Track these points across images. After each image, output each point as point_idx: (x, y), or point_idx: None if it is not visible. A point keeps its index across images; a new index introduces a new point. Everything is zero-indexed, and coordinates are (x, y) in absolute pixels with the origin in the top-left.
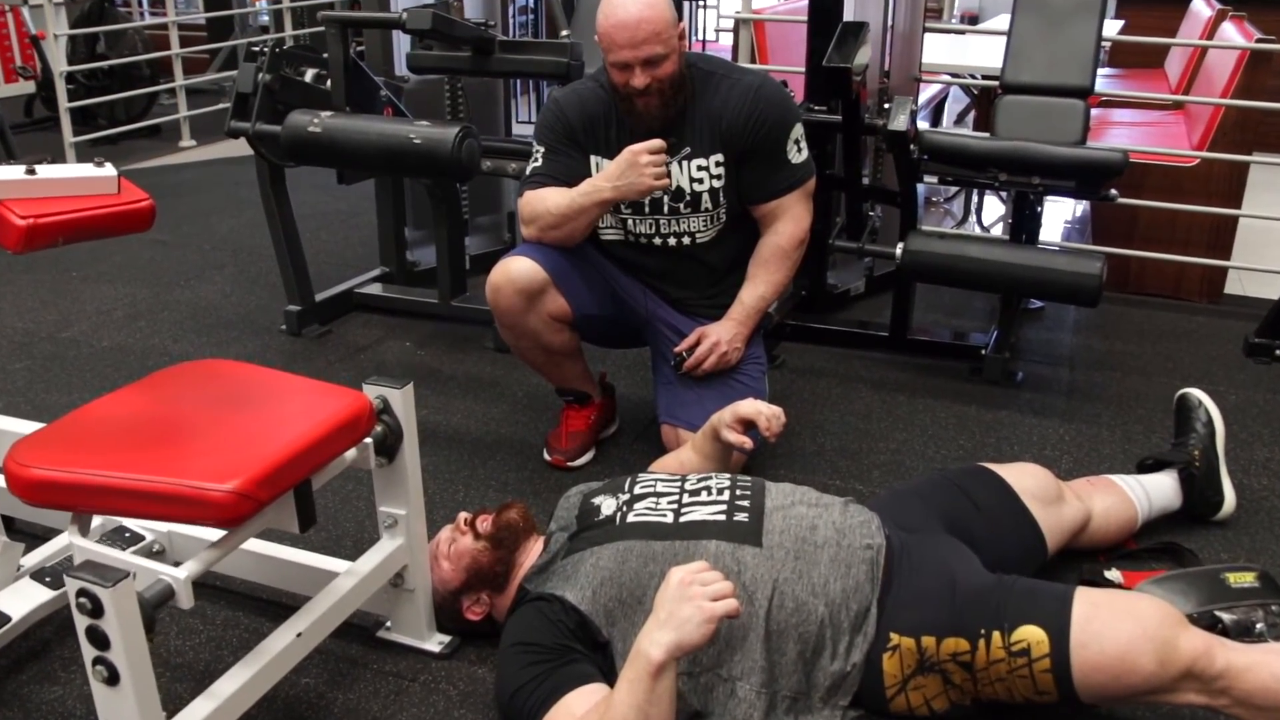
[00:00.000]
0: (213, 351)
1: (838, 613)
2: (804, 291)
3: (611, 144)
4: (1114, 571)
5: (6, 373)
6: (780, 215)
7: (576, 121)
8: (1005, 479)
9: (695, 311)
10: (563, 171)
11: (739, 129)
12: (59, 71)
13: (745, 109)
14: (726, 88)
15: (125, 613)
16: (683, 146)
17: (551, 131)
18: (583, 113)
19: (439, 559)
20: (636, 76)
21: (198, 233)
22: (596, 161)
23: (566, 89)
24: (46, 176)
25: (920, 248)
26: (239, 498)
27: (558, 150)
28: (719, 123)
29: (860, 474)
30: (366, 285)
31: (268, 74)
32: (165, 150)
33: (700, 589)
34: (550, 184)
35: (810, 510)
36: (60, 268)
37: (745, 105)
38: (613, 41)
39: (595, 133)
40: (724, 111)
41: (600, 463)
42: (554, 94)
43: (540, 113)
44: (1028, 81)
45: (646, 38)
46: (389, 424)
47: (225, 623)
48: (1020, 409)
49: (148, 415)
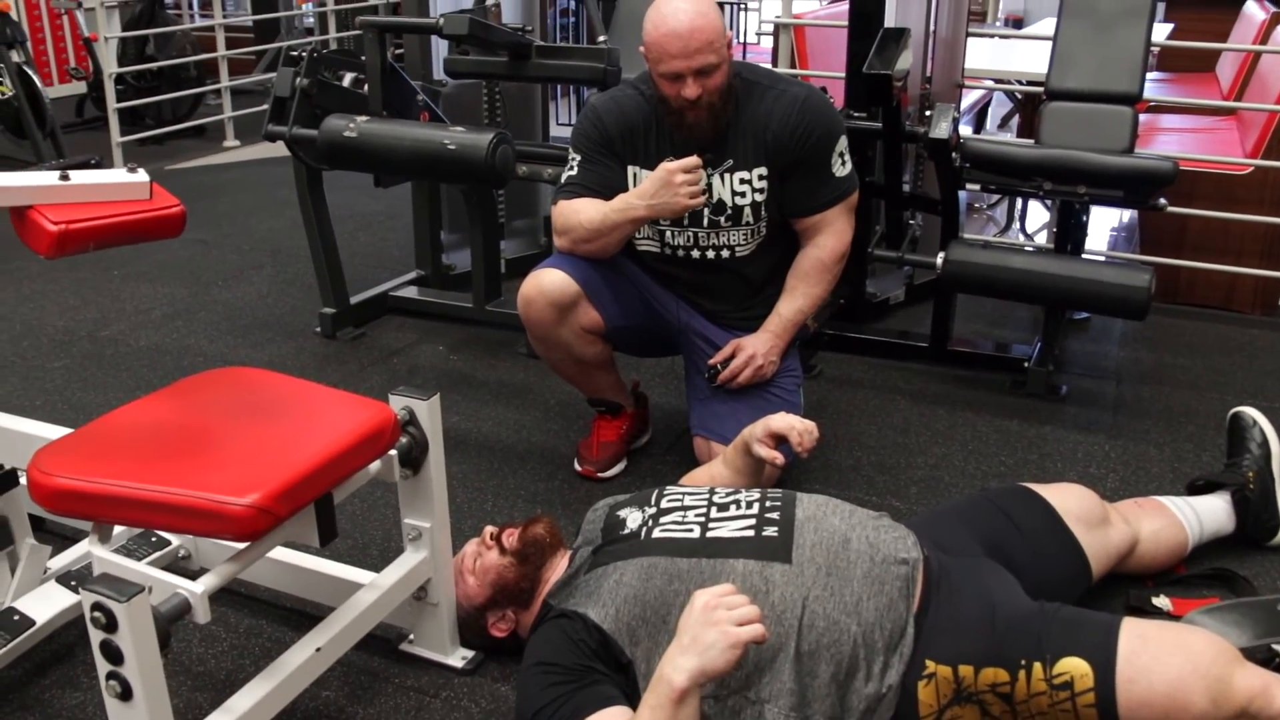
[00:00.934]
0: (247, 353)
1: (871, 632)
2: (843, 300)
3: (651, 154)
4: (1162, 598)
5: (45, 371)
6: (823, 229)
7: (615, 130)
8: (1048, 500)
9: (730, 324)
10: (598, 181)
11: (785, 141)
12: (108, 73)
13: (791, 121)
14: (772, 99)
15: (140, 627)
16: (725, 159)
17: (588, 140)
18: (622, 122)
19: (464, 574)
20: (689, 87)
21: (237, 233)
22: (634, 172)
23: (605, 96)
24: (79, 182)
25: (962, 257)
26: (257, 512)
27: (594, 159)
28: (764, 135)
29: (898, 490)
30: (402, 288)
31: (305, 78)
32: (210, 150)
33: (725, 614)
34: (585, 194)
35: (843, 523)
36: (102, 266)
37: (791, 117)
38: (664, 51)
39: (634, 142)
40: (769, 123)
41: (632, 474)
42: (592, 101)
43: (578, 119)
44: (1074, 88)
45: (700, 47)
46: (414, 435)
47: (248, 631)
48: (1064, 424)
49: (171, 424)
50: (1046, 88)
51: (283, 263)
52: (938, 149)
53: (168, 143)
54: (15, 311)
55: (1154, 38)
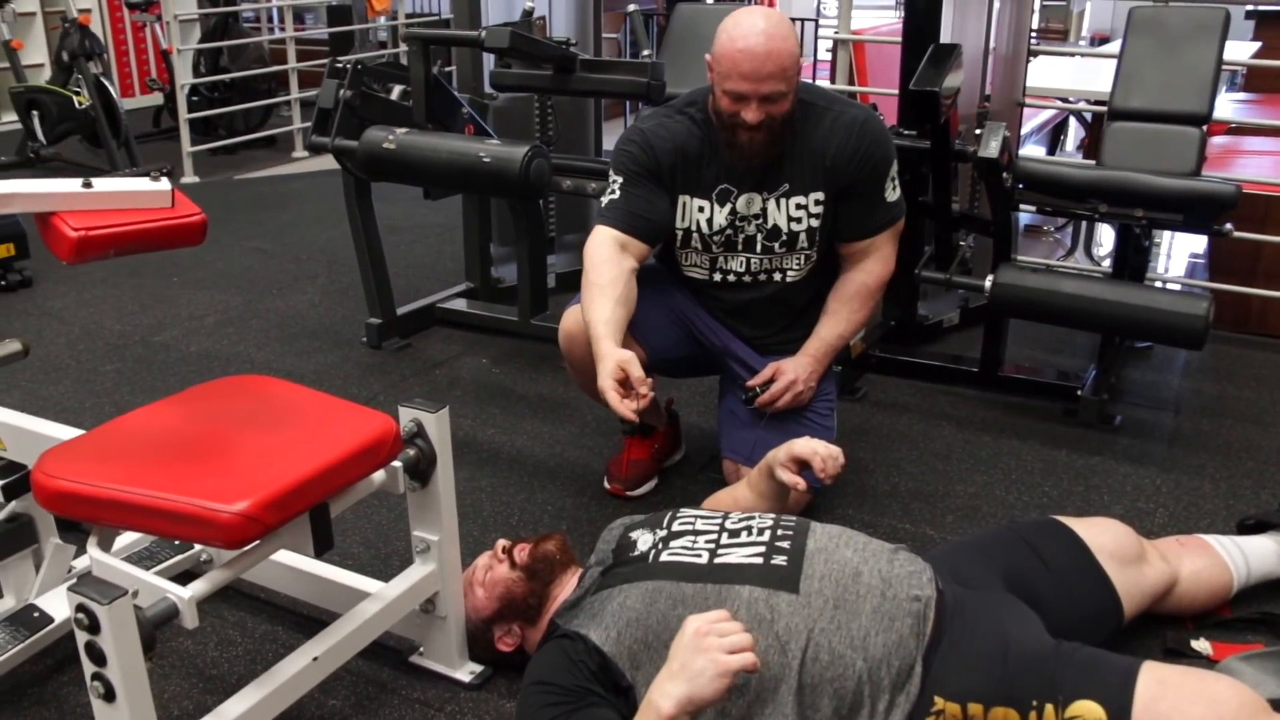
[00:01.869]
0: (294, 361)
1: (878, 669)
2: (893, 322)
3: (707, 184)
4: (1202, 641)
5: (98, 374)
6: (870, 254)
7: (666, 159)
8: (1079, 534)
9: (768, 348)
10: (640, 207)
11: (843, 166)
12: (180, 84)
13: (851, 145)
14: (830, 121)
15: (122, 630)
16: (781, 183)
17: (634, 163)
18: (673, 149)
19: (474, 585)
20: (751, 111)
21: (296, 242)
22: (684, 202)
23: (654, 121)
24: (101, 190)
25: (1011, 281)
26: (245, 520)
27: (637, 181)
28: (822, 159)
29: (933, 518)
30: (450, 300)
31: (348, 90)
32: (279, 160)
33: (716, 640)
34: (626, 221)
35: (855, 555)
36: (163, 273)
37: (851, 141)
38: (735, 68)
39: (688, 171)
40: (827, 148)
41: (662, 492)
42: (638, 125)
43: (621, 140)
44: (1138, 107)
45: (773, 73)
46: (421, 448)
47: (264, 636)
48: (1115, 455)
49: (176, 430)
50: (1110, 107)
51: (338, 273)
52: (987, 168)
53: (239, 153)
54: (76, 315)
55: (1239, 56)
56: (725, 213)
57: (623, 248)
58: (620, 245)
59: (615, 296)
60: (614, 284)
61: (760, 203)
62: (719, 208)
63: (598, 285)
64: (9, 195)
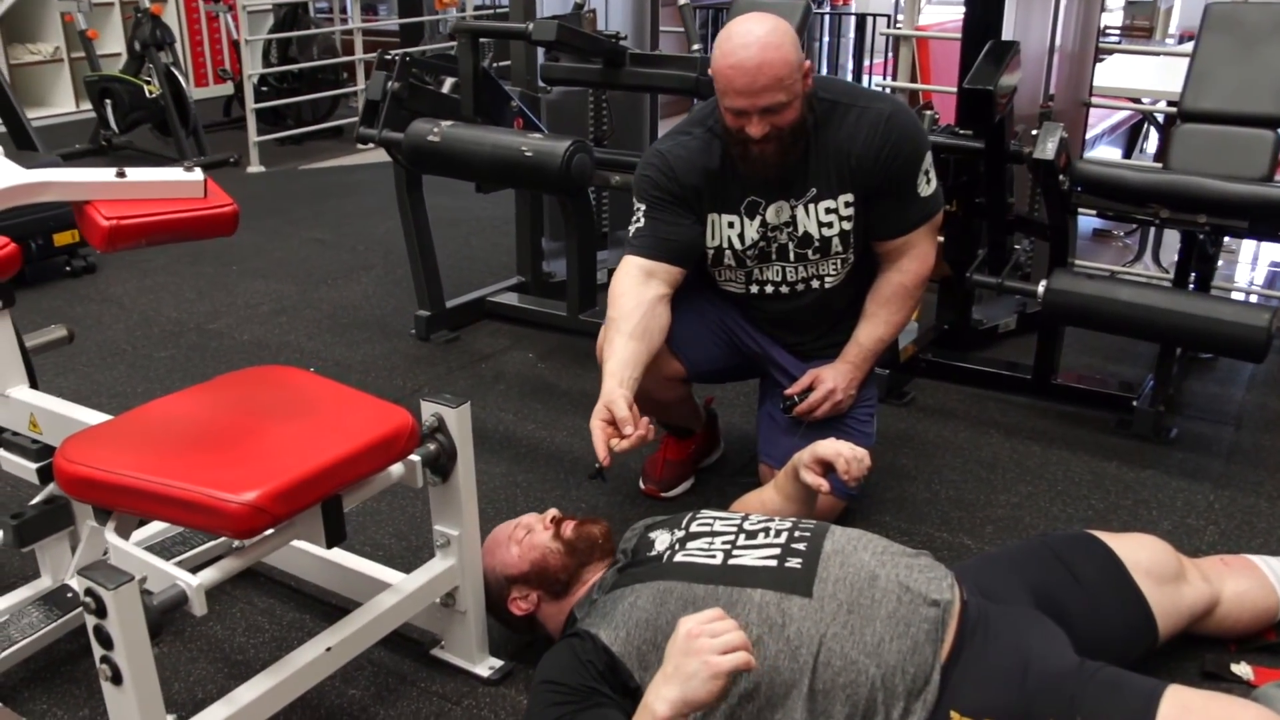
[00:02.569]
0: (342, 352)
1: (892, 675)
2: (946, 326)
3: (733, 197)
4: (1243, 666)
5: (152, 360)
6: (906, 252)
7: (687, 179)
8: (1115, 550)
9: (809, 353)
10: (668, 232)
11: (870, 164)
12: (247, 74)
13: (877, 141)
14: (854, 118)
15: (128, 615)
16: (808, 188)
17: (656, 187)
18: (693, 168)
19: (509, 542)
20: (753, 125)
21: (355, 233)
22: (713, 220)
23: (670, 140)
24: (135, 180)
25: (1065, 287)
26: (253, 510)
27: (660, 206)
28: (847, 159)
29: (972, 528)
30: (501, 294)
31: (396, 82)
32: (344, 151)
33: (708, 641)
34: (655, 250)
35: (873, 559)
36: (223, 262)
37: (877, 138)
38: (729, 84)
39: (712, 188)
40: (852, 146)
41: (698, 493)
42: (657, 146)
43: (641, 165)
44: (1210, 109)
45: (768, 84)
46: (442, 443)
47: (291, 623)
48: (1168, 469)
49: (197, 419)
50: (1180, 108)
51: (393, 264)
52: (1042, 170)
53: (305, 143)
54: (135, 302)
55: None
56: (756, 225)
57: (649, 275)
58: (646, 274)
59: (629, 331)
60: (629, 317)
61: (789, 211)
62: (749, 221)
63: (613, 320)
64: (43, 184)
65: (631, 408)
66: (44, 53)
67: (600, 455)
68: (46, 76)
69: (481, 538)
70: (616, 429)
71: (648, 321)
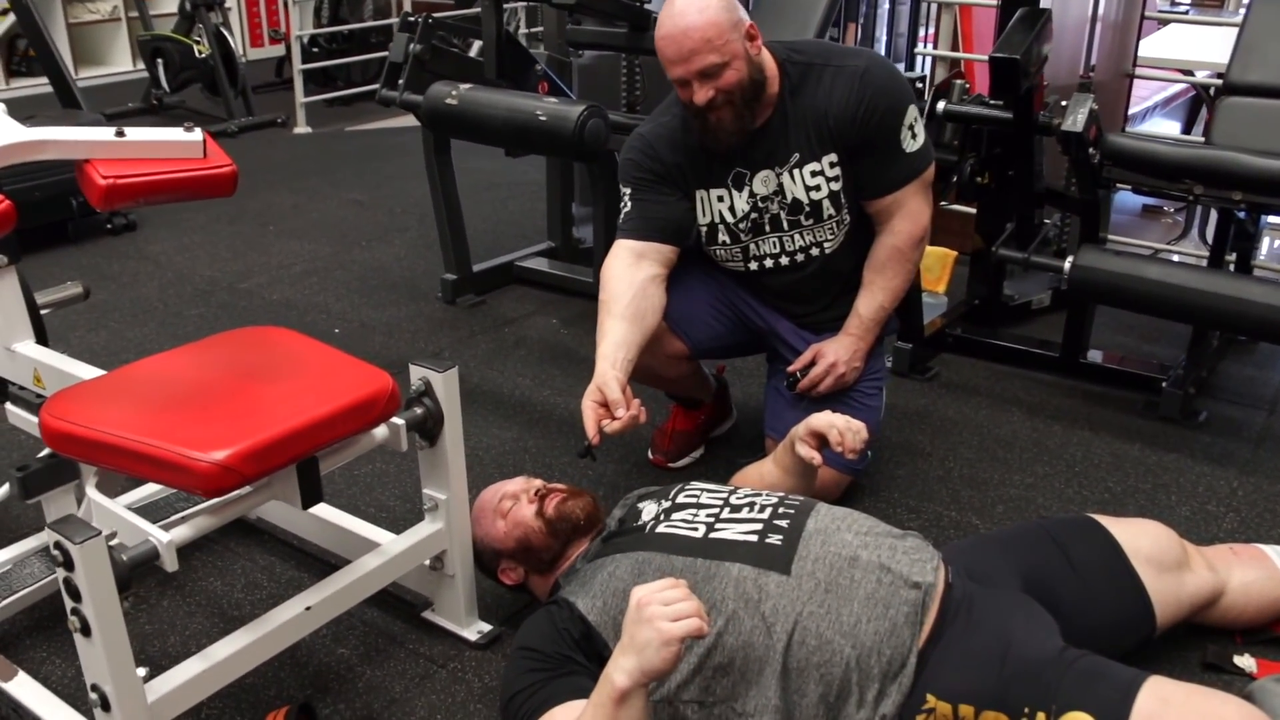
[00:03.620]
0: (368, 313)
1: (868, 657)
2: (976, 301)
3: (718, 171)
4: (1247, 658)
5: (182, 318)
6: (895, 212)
7: (670, 157)
8: (1114, 535)
9: (819, 326)
10: (656, 211)
11: (848, 122)
12: (296, 34)
13: (853, 99)
14: (829, 78)
15: (95, 568)
16: (790, 153)
17: (639, 168)
18: (674, 146)
19: (497, 514)
20: (696, 92)
21: (393, 195)
22: (702, 196)
23: (651, 122)
24: (134, 139)
25: (1091, 264)
26: (222, 470)
27: (645, 187)
28: (825, 119)
29: (982, 508)
30: (530, 259)
31: (418, 44)
32: (391, 113)
33: (659, 609)
34: (643, 232)
35: (856, 538)
36: (261, 222)
37: (852, 95)
38: (664, 57)
39: (698, 164)
40: (829, 106)
41: (707, 463)
42: (638, 130)
43: (624, 149)
44: (1257, 81)
45: (696, 47)
46: (429, 407)
47: (289, 581)
48: (1193, 453)
49: (181, 378)
50: (1225, 80)
51: (428, 227)
52: (1071, 143)
53: (354, 104)
54: (172, 259)
55: None
56: (745, 197)
57: (639, 257)
58: (637, 255)
59: (619, 313)
60: (619, 299)
61: (775, 180)
62: (737, 193)
63: (604, 303)
64: (43, 142)
65: (625, 390)
66: (102, 11)
67: (590, 434)
68: (105, 35)
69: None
70: (608, 410)
71: (639, 303)
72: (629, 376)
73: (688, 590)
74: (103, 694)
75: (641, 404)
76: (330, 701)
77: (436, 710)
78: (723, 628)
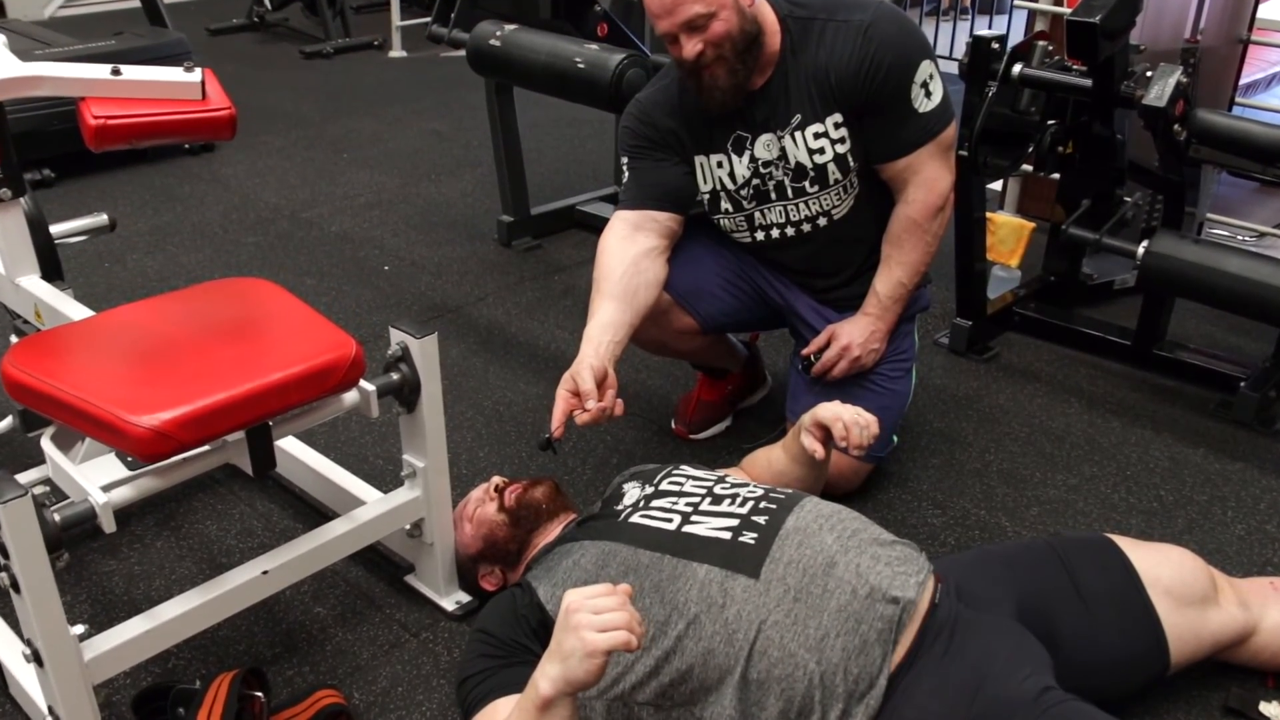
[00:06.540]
0: (423, 251)
1: (833, 674)
2: (1052, 278)
3: (718, 136)
4: (1274, 705)
5: (239, 245)
6: (910, 178)
7: (666, 121)
8: (1132, 561)
9: (841, 302)
10: (653, 178)
11: (851, 80)
12: None
13: (856, 56)
14: (832, 33)
15: (21, 528)
16: (791, 114)
17: (635, 135)
18: (672, 110)
19: (463, 520)
20: (683, 46)
21: (473, 127)
22: (700, 162)
23: (649, 88)
24: (130, 78)
25: (1166, 251)
26: (156, 435)
27: (642, 153)
28: (828, 78)
29: (1015, 509)
30: (592, 203)
31: None
32: None
33: (587, 617)
34: (642, 202)
35: (835, 543)
36: (336, 149)
37: (855, 51)
38: (650, 12)
39: (696, 129)
40: (831, 63)
41: (732, 435)
42: (637, 96)
43: (623, 118)
44: None
45: None
46: (406, 373)
47: (283, 531)
48: (1261, 464)
49: (146, 331)
50: None
51: None
52: (1153, 117)
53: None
54: (242, 184)
55: None
56: (745, 161)
57: (635, 229)
58: (633, 227)
59: (609, 291)
60: (609, 277)
61: (778, 144)
62: (738, 158)
63: (595, 281)
64: (36, 78)
65: (604, 378)
66: None
67: (554, 425)
68: None
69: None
70: (581, 400)
71: (630, 280)
72: (615, 360)
73: (624, 598)
74: (35, 650)
75: (618, 396)
76: (295, 663)
77: (398, 681)
78: (683, 631)
